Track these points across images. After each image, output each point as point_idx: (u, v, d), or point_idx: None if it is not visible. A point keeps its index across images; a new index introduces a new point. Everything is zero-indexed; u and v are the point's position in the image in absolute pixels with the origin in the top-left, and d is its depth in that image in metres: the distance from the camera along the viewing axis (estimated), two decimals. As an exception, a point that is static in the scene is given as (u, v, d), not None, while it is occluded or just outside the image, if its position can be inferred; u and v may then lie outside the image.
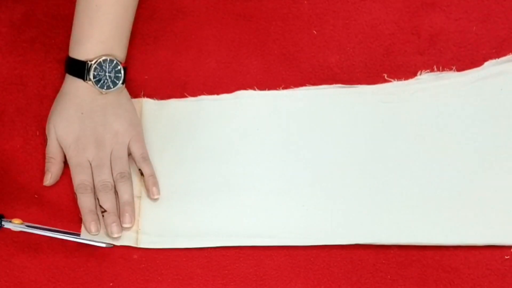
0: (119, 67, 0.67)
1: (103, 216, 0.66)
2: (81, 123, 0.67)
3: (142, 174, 0.67)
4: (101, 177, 0.66)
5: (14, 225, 0.64)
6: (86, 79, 0.67)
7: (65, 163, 0.68)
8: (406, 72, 0.69)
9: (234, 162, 0.68)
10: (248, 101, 0.70)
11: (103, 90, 0.67)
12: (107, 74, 0.67)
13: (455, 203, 0.64)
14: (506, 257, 0.63)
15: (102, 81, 0.67)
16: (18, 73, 0.73)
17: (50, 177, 0.68)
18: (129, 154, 0.68)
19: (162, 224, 0.66)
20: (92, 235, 0.65)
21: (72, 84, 0.68)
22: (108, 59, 0.67)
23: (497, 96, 0.67)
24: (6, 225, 0.64)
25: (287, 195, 0.66)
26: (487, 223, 0.64)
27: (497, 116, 0.67)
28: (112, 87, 0.67)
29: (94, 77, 0.66)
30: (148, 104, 0.70)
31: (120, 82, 0.68)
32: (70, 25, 0.74)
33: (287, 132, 0.68)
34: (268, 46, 0.71)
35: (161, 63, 0.72)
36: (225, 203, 0.66)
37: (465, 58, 0.69)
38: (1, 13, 0.75)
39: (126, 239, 0.66)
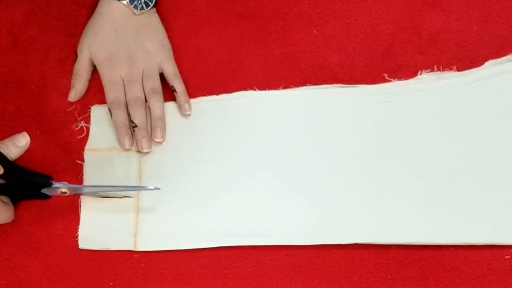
0: None
1: (134, 131, 0.68)
2: (114, 40, 0.70)
3: (174, 91, 0.69)
4: (133, 92, 0.68)
5: (64, 184, 0.65)
6: None
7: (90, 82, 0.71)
8: (406, 72, 0.69)
9: (234, 162, 0.68)
10: (248, 101, 0.70)
11: (137, 10, 0.70)
12: None
13: (455, 203, 0.64)
14: (506, 257, 0.63)
15: (136, 2, 0.70)
16: (18, 73, 0.73)
17: (75, 94, 0.71)
18: (160, 74, 0.70)
19: (161, 225, 0.66)
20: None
21: (107, 4, 0.71)
22: None
23: (498, 96, 0.67)
24: (55, 184, 0.65)
25: (287, 195, 0.66)
26: (487, 223, 0.63)
27: (497, 116, 0.67)
28: (145, 8, 0.70)
29: None
30: None
31: (152, 4, 0.71)
32: (70, 25, 0.74)
33: (287, 132, 0.68)
34: (268, 46, 0.71)
35: (161, 63, 0.72)
36: (225, 203, 0.67)
37: (466, 58, 0.69)
38: (1, 13, 0.75)
39: (123, 243, 0.66)
